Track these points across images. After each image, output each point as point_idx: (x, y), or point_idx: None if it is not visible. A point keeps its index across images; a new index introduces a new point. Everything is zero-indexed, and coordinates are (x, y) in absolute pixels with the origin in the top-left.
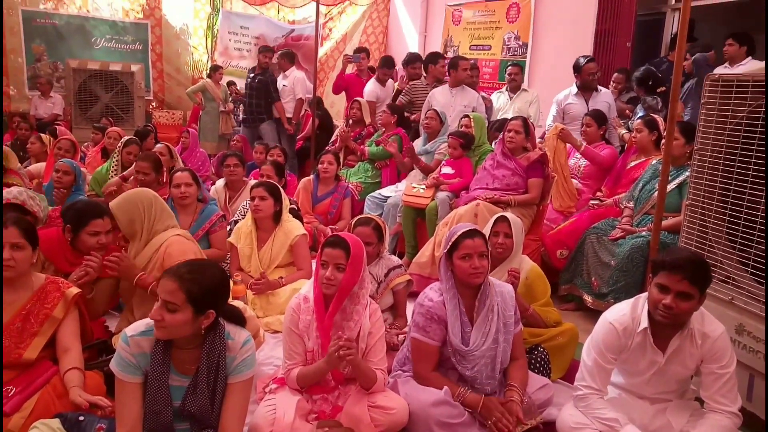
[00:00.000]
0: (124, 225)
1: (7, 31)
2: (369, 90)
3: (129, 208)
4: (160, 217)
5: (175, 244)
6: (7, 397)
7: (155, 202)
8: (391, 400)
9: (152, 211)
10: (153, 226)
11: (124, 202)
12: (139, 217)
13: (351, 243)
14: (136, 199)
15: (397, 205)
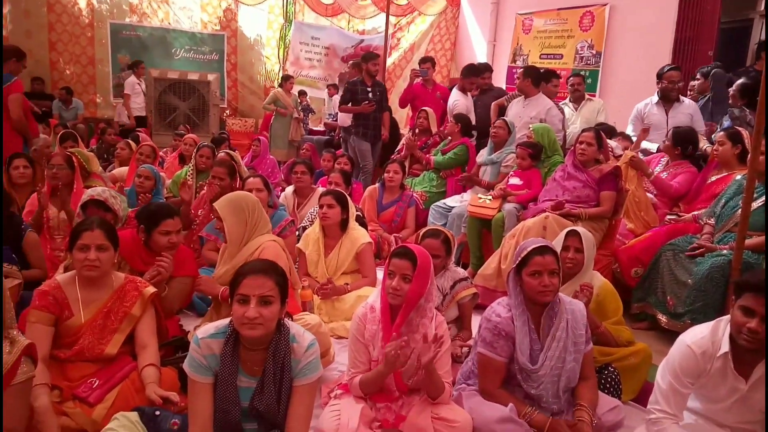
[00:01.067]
0: (230, 225)
1: (96, 42)
2: (459, 104)
3: (236, 209)
4: (260, 222)
5: (270, 248)
6: (90, 388)
7: (257, 206)
8: (455, 413)
9: (255, 216)
10: (253, 229)
11: (232, 203)
12: (244, 219)
13: (418, 254)
14: (242, 202)
15: (462, 216)
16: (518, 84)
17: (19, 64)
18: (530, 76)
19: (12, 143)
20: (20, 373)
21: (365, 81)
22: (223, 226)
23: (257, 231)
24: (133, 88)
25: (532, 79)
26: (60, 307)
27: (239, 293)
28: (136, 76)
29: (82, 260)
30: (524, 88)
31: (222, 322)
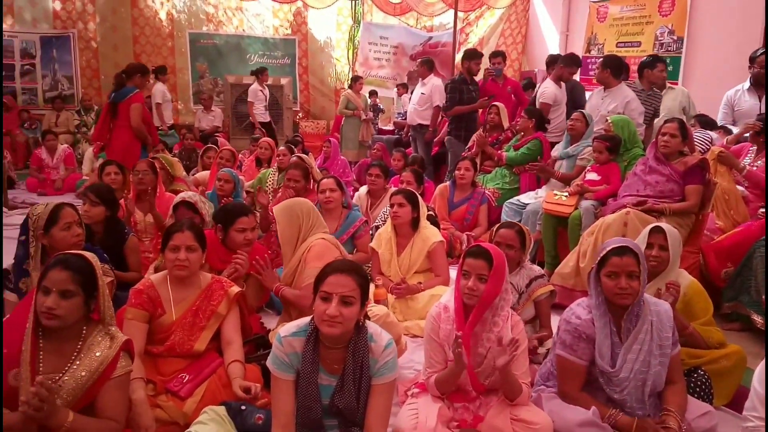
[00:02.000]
0: (282, 228)
1: (176, 52)
2: (548, 92)
3: (290, 215)
4: (315, 225)
5: (316, 246)
6: (181, 383)
7: (312, 211)
8: (535, 414)
9: (309, 220)
10: (308, 232)
11: (287, 208)
12: (297, 223)
13: (494, 254)
14: (297, 207)
15: (537, 213)
16: (597, 75)
17: (143, 79)
18: (610, 66)
19: (132, 149)
20: (119, 367)
21: (466, 79)
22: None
23: (312, 233)
24: (256, 95)
25: (612, 69)
26: (153, 305)
27: (322, 290)
28: (259, 83)
29: (173, 260)
30: (603, 79)
31: (303, 320)
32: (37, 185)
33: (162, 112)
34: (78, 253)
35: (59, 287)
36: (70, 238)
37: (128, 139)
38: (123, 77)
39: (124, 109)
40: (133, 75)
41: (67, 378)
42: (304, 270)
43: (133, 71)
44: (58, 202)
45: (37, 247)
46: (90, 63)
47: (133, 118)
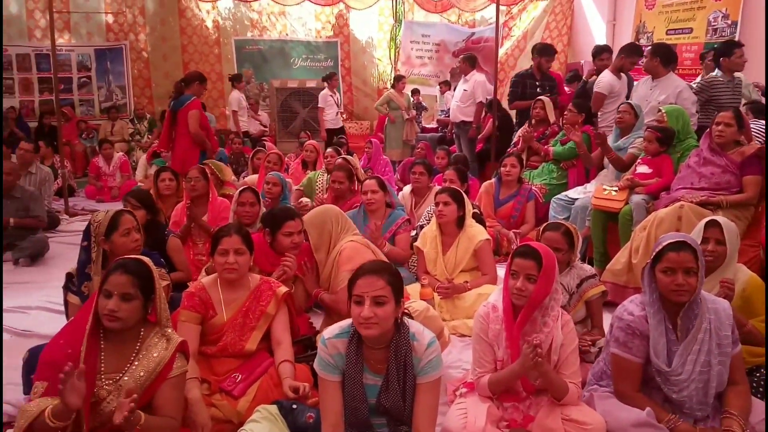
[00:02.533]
0: (314, 237)
1: (223, 58)
2: (605, 81)
3: (319, 222)
4: (345, 230)
5: (346, 249)
6: (234, 382)
7: (341, 217)
8: (587, 414)
9: (338, 227)
10: (338, 237)
11: (315, 217)
12: (328, 230)
13: (543, 253)
14: (325, 215)
15: (586, 208)
16: (645, 64)
17: (201, 87)
18: (660, 54)
19: (191, 155)
20: (176, 368)
21: (534, 74)
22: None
23: (342, 237)
24: (326, 101)
25: (662, 58)
26: (205, 306)
27: (354, 294)
28: (330, 89)
29: (222, 263)
30: (652, 69)
31: (345, 322)
32: (95, 192)
33: (238, 119)
34: (136, 257)
35: (120, 291)
36: (130, 244)
37: (187, 146)
38: (182, 86)
39: (183, 117)
40: (191, 83)
41: (127, 378)
42: (338, 274)
43: (191, 79)
44: (118, 209)
45: (98, 252)
46: (142, 73)
47: (191, 125)
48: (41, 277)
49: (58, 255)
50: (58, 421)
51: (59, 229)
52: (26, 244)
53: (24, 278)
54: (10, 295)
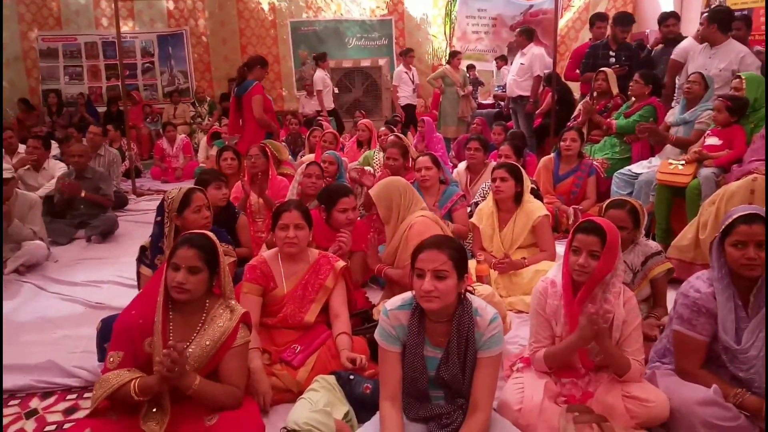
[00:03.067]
0: (382, 210)
1: (279, 40)
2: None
3: (386, 195)
4: (412, 202)
5: (417, 224)
6: (294, 353)
7: (408, 189)
8: (649, 392)
9: (406, 198)
10: (406, 210)
11: (383, 189)
12: (396, 203)
13: (607, 229)
14: (392, 186)
15: (651, 183)
16: (702, 31)
17: (263, 71)
18: (717, 20)
19: (257, 139)
20: (239, 338)
21: (610, 44)
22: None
23: (410, 211)
24: (400, 78)
25: (720, 23)
26: (266, 279)
27: (417, 267)
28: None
29: (283, 238)
30: (709, 36)
31: (408, 294)
32: (160, 174)
33: (323, 98)
34: (202, 232)
35: (187, 264)
36: (200, 220)
37: (254, 130)
38: (244, 71)
39: (248, 102)
40: (253, 67)
41: (194, 347)
42: (406, 248)
43: (253, 64)
44: (191, 187)
45: (171, 227)
46: (202, 57)
47: (256, 110)
48: (112, 254)
49: (127, 233)
50: (144, 396)
51: (127, 209)
52: (97, 222)
53: (96, 254)
54: (84, 270)
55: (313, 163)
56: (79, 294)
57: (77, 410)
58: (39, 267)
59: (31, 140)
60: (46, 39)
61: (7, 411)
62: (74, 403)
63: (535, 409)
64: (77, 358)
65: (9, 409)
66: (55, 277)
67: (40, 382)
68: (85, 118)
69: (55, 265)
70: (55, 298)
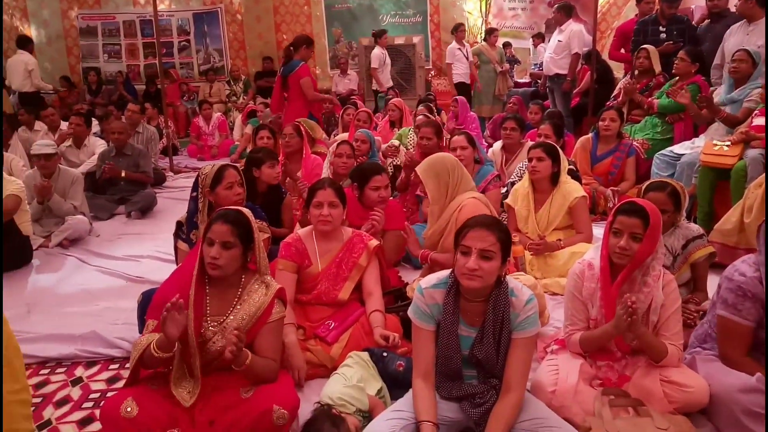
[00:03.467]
0: (430, 188)
1: (313, 18)
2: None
3: (435, 173)
4: (462, 181)
5: (468, 206)
6: (328, 329)
7: (457, 167)
8: (688, 377)
9: (455, 176)
10: (455, 189)
11: (430, 167)
12: (444, 180)
13: (649, 210)
14: (441, 164)
15: (693, 165)
16: (739, 6)
17: (308, 51)
18: None
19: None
20: (274, 313)
21: (659, 19)
22: (425, 189)
23: (459, 189)
24: (453, 55)
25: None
26: (301, 256)
27: (462, 244)
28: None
29: (317, 215)
30: (746, 11)
31: (444, 272)
32: (196, 151)
33: (378, 76)
34: (237, 208)
35: (221, 239)
36: (232, 197)
37: (298, 109)
38: (291, 50)
39: (294, 82)
40: (299, 47)
41: (230, 321)
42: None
43: (299, 44)
44: (224, 164)
45: (204, 203)
46: (236, 35)
47: (307, 93)
48: (150, 229)
49: (166, 209)
50: (162, 351)
51: (165, 185)
52: (137, 198)
53: (135, 230)
54: (124, 244)
55: (343, 143)
56: (119, 268)
57: (119, 380)
58: (81, 241)
59: (73, 117)
60: (86, 17)
61: (55, 378)
62: (116, 373)
63: (569, 391)
64: (119, 330)
65: (56, 376)
66: (97, 251)
67: (84, 352)
68: (124, 96)
69: (96, 239)
70: (96, 272)
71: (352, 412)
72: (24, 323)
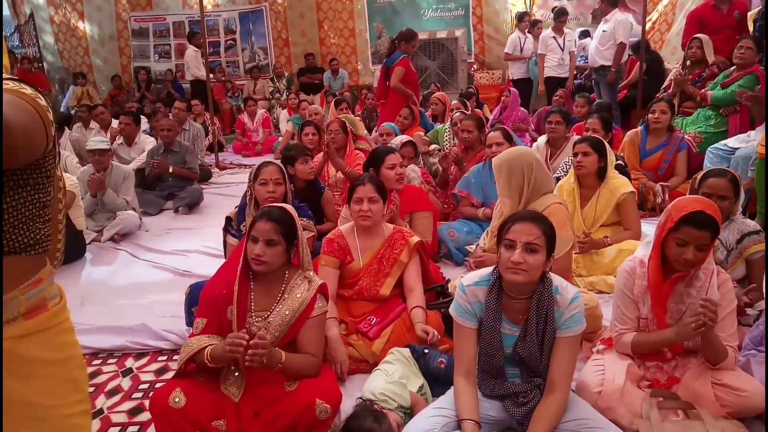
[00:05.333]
0: (501, 184)
1: (355, 14)
2: None
3: (509, 169)
4: (541, 180)
5: (556, 214)
6: (370, 325)
7: (538, 166)
8: (743, 380)
9: (532, 174)
10: (533, 188)
11: (506, 162)
12: (518, 178)
13: (718, 220)
14: (517, 161)
15: (750, 158)
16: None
17: (409, 45)
18: None
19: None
20: (317, 308)
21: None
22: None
23: (537, 189)
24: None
25: None
26: (343, 252)
27: (507, 238)
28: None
29: (357, 211)
30: None
31: (486, 270)
32: (241, 148)
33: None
34: (281, 206)
35: (265, 237)
36: (264, 193)
37: (396, 99)
38: (395, 44)
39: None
40: (401, 41)
41: (274, 315)
42: None
43: (401, 38)
44: (266, 161)
45: (251, 196)
46: (281, 33)
47: (393, 80)
48: (197, 224)
49: (212, 204)
50: (215, 363)
51: (212, 182)
52: (184, 194)
53: (183, 225)
54: (172, 239)
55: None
56: (168, 262)
57: (167, 371)
58: (132, 235)
59: (123, 116)
60: (138, 19)
61: (106, 368)
62: (165, 365)
63: (616, 392)
64: (167, 322)
65: (108, 366)
66: (146, 246)
67: (134, 344)
68: (172, 93)
69: (146, 234)
70: (146, 265)
71: (393, 408)
72: (78, 315)
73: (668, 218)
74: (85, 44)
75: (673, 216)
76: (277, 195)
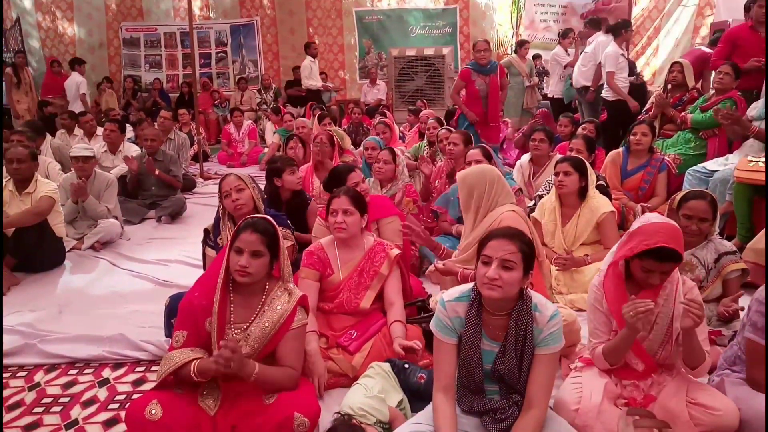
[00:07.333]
0: (462, 198)
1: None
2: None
3: (470, 183)
4: (498, 196)
5: (506, 219)
6: (350, 338)
7: (498, 182)
8: (717, 399)
9: (493, 189)
10: (491, 203)
11: (468, 176)
12: (480, 192)
13: (681, 248)
14: (479, 176)
15: (727, 181)
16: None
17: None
18: None
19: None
20: (296, 320)
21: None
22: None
23: (497, 203)
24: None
25: None
26: (323, 265)
27: (483, 254)
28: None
29: (333, 223)
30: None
31: (466, 286)
32: (226, 158)
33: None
34: (263, 217)
35: (251, 248)
36: (230, 204)
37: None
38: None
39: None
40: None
41: (254, 328)
42: None
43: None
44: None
45: (223, 210)
46: (271, 47)
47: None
48: (179, 234)
49: (195, 214)
50: (202, 377)
51: (195, 191)
52: (167, 203)
53: (165, 234)
54: (153, 249)
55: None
56: (148, 271)
57: (145, 382)
58: (113, 244)
59: (108, 123)
60: (129, 29)
61: (83, 378)
62: (142, 376)
63: (593, 410)
64: (146, 333)
65: (84, 376)
66: (127, 255)
67: (112, 354)
68: (158, 102)
69: (127, 242)
70: (126, 275)
71: (372, 423)
72: (55, 324)
73: (632, 245)
74: (73, 50)
75: (635, 247)
76: (243, 200)
